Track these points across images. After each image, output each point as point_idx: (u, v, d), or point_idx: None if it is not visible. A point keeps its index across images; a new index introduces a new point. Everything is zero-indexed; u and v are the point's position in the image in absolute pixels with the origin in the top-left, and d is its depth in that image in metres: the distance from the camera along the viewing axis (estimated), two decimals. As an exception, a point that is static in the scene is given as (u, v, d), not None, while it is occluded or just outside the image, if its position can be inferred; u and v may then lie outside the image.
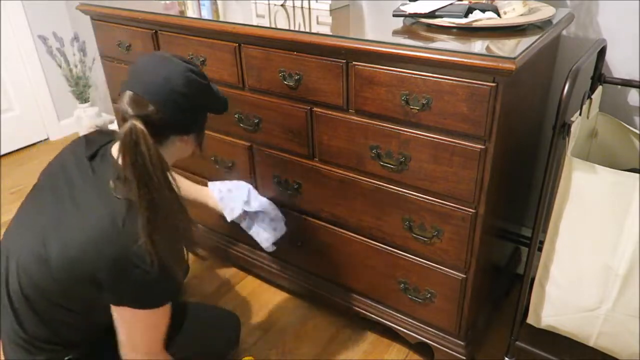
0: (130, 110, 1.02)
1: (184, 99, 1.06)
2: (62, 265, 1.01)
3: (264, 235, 1.53)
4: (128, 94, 1.04)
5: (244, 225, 1.55)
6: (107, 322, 1.06)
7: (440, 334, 1.40)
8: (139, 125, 0.98)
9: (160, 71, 1.06)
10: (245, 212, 1.51)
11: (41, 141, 2.99)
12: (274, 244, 1.55)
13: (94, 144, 1.17)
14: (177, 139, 1.12)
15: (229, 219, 1.51)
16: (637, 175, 1.00)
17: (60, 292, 1.05)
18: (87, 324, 1.13)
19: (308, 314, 1.66)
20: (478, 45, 1.10)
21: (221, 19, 1.45)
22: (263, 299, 1.74)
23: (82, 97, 2.63)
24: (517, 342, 1.33)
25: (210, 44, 1.42)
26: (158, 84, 1.04)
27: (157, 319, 1.08)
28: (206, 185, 1.58)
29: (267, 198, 1.53)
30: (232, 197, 1.52)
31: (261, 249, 1.56)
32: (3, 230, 2.14)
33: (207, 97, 1.14)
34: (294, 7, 1.49)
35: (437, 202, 1.20)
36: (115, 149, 1.10)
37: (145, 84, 1.04)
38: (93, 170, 1.11)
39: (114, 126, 2.51)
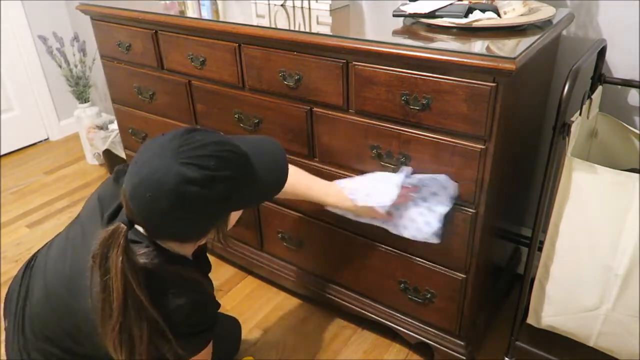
0: (123, 205, 0.87)
1: (174, 218, 0.83)
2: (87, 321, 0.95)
3: (421, 221, 1.18)
4: (124, 184, 0.85)
5: (388, 224, 1.23)
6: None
7: (440, 334, 1.40)
8: (122, 234, 0.80)
9: (146, 177, 0.80)
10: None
11: (41, 141, 3.00)
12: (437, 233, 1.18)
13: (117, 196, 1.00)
14: (176, 243, 0.93)
15: (388, 203, 1.15)
16: (637, 175, 1.00)
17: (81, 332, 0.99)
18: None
19: (308, 314, 1.66)
20: (478, 45, 1.10)
21: (221, 19, 1.45)
22: (263, 299, 1.74)
23: (82, 97, 2.62)
24: (517, 342, 1.33)
25: (210, 44, 1.42)
26: (141, 195, 0.81)
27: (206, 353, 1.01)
28: None
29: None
30: (371, 186, 1.19)
31: (261, 248, 1.53)
32: (3, 231, 2.17)
33: (219, 206, 0.88)
34: (294, 7, 1.49)
35: (437, 202, 1.20)
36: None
37: (133, 185, 0.82)
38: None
39: (114, 126, 2.50)
